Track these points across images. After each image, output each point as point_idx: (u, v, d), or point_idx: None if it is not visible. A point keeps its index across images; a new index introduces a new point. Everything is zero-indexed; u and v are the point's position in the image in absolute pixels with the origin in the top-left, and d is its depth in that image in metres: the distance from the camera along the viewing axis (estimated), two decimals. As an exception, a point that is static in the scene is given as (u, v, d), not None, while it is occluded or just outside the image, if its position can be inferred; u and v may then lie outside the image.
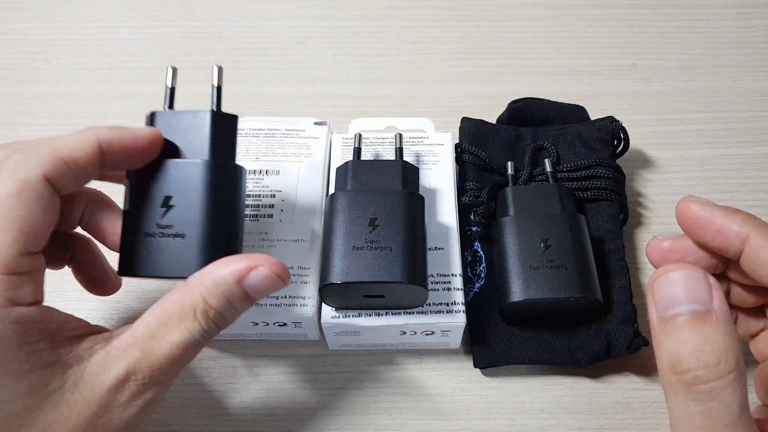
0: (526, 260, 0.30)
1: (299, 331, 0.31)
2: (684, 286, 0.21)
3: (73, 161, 0.22)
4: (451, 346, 0.32)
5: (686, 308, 0.20)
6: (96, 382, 0.21)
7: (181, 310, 0.22)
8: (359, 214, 0.28)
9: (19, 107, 0.42)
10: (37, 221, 0.21)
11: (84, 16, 0.46)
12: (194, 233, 0.24)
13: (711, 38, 0.44)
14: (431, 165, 0.34)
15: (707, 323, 0.20)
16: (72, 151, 0.22)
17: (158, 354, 0.22)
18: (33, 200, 0.21)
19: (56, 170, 0.22)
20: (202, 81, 0.43)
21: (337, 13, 0.46)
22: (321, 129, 0.35)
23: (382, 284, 0.27)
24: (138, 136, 0.24)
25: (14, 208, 0.21)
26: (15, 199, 0.21)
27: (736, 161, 0.39)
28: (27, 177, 0.21)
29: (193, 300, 0.22)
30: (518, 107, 0.37)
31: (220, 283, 0.22)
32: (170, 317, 0.22)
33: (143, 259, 0.24)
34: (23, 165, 0.21)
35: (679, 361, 0.20)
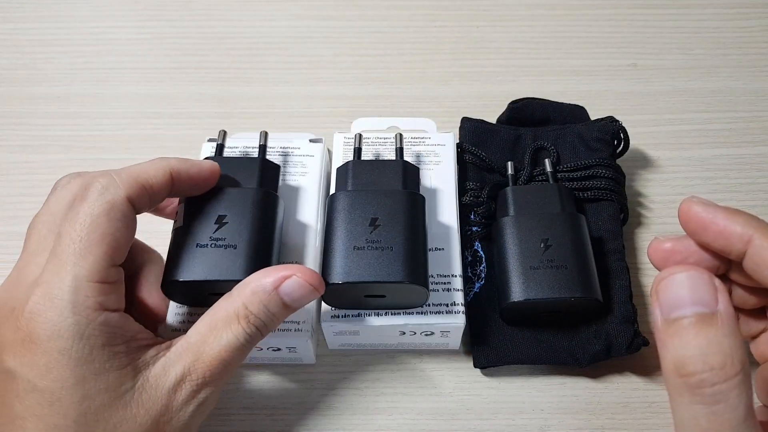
0: (526, 260, 0.30)
1: (294, 356, 0.31)
2: (689, 288, 0.20)
3: (150, 186, 0.26)
4: (450, 347, 0.32)
5: (691, 310, 0.20)
6: (158, 383, 0.24)
7: (226, 316, 0.25)
8: (360, 214, 0.28)
9: (19, 107, 0.42)
10: (122, 237, 0.25)
11: (84, 16, 0.46)
12: (243, 244, 0.27)
13: (711, 38, 0.44)
14: (432, 165, 0.34)
15: (712, 326, 0.20)
16: (149, 177, 0.26)
17: (209, 356, 0.24)
18: (119, 219, 0.24)
19: (137, 193, 0.25)
20: (201, 81, 0.43)
21: (337, 13, 0.46)
22: (316, 147, 0.35)
23: (384, 284, 0.27)
24: (202, 168, 0.28)
25: (104, 225, 0.24)
26: (105, 218, 0.24)
27: (736, 161, 0.39)
28: (114, 199, 0.24)
29: (236, 306, 0.25)
30: (518, 107, 0.37)
31: (258, 291, 0.25)
32: (218, 323, 0.25)
33: (195, 265, 0.27)
34: (110, 188, 0.25)
35: (684, 364, 0.20)
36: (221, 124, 0.41)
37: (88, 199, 0.24)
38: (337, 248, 0.27)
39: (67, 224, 0.24)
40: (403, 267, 0.27)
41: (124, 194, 0.25)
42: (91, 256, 0.23)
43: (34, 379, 0.22)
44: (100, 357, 0.23)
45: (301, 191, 0.33)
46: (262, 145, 0.32)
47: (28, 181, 0.39)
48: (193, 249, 0.27)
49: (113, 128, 0.41)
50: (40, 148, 0.40)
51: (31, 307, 0.23)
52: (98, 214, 0.24)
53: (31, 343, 0.23)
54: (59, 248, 0.24)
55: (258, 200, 0.28)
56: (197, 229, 0.27)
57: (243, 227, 0.27)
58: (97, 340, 0.23)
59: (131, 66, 0.44)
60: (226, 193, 0.28)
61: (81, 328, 0.23)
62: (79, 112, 0.42)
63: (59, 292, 0.23)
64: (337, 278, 0.27)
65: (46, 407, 0.22)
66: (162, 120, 0.41)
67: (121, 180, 0.25)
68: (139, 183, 0.25)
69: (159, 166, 0.26)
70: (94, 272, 0.23)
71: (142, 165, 0.26)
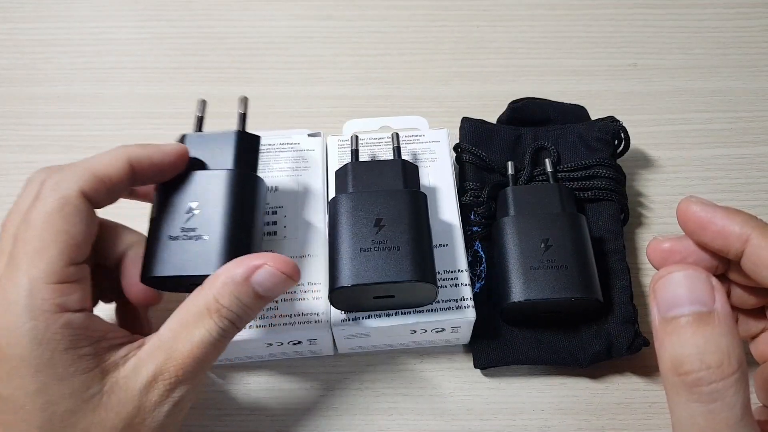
0: (526, 260, 0.30)
1: (314, 348, 0.31)
2: (686, 287, 0.20)
3: (107, 177, 0.25)
4: (460, 342, 0.32)
5: (689, 309, 0.20)
6: (129, 385, 0.23)
7: (198, 311, 0.24)
8: (364, 215, 0.28)
9: (19, 107, 0.42)
10: (79, 233, 0.23)
11: (84, 16, 0.46)
12: (216, 234, 0.26)
13: (711, 38, 0.44)
14: (429, 162, 0.34)
15: (709, 325, 0.20)
16: (105, 168, 0.25)
17: (181, 353, 0.23)
18: (73, 215, 0.23)
19: (92, 186, 0.24)
20: (201, 81, 0.43)
21: (337, 13, 0.46)
22: (316, 141, 0.35)
23: (393, 284, 0.27)
24: (166, 152, 0.26)
25: (58, 223, 0.23)
26: (58, 215, 0.23)
27: (736, 161, 0.39)
28: (66, 194, 0.23)
29: (207, 300, 0.24)
30: (519, 107, 0.37)
31: (229, 283, 0.24)
32: (189, 319, 0.24)
33: (167, 259, 0.25)
34: (62, 183, 0.24)
35: (681, 363, 0.20)
36: (221, 124, 0.41)
37: (41, 196, 0.23)
38: (343, 251, 0.27)
39: (22, 225, 0.23)
40: (411, 266, 0.27)
41: (77, 188, 0.24)
42: (46, 256, 0.23)
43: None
44: (62, 362, 0.22)
45: (305, 185, 0.33)
46: (242, 114, 0.30)
47: (28, 181, 0.39)
48: (165, 241, 0.26)
49: (113, 128, 0.41)
50: (40, 148, 0.40)
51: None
52: (50, 212, 0.23)
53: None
54: (15, 250, 0.23)
55: (231, 184, 0.27)
56: (168, 220, 0.26)
57: (215, 216, 0.26)
58: (58, 344, 0.22)
59: (131, 66, 0.44)
60: (196, 178, 0.27)
61: (39, 333, 0.22)
62: (79, 112, 0.42)
63: (15, 297, 0.22)
64: (345, 281, 0.26)
65: (11, 414, 0.22)
66: (162, 120, 0.41)
67: (75, 174, 0.24)
68: (93, 175, 0.24)
69: (116, 155, 0.25)
70: (50, 273, 0.22)
71: (99, 155, 0.25)
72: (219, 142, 0.28)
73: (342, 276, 0.27)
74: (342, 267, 0.27)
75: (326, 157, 0.34)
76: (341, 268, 0.27)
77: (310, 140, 0.35)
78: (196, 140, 0.28)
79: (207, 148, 0.28)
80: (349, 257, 0.27)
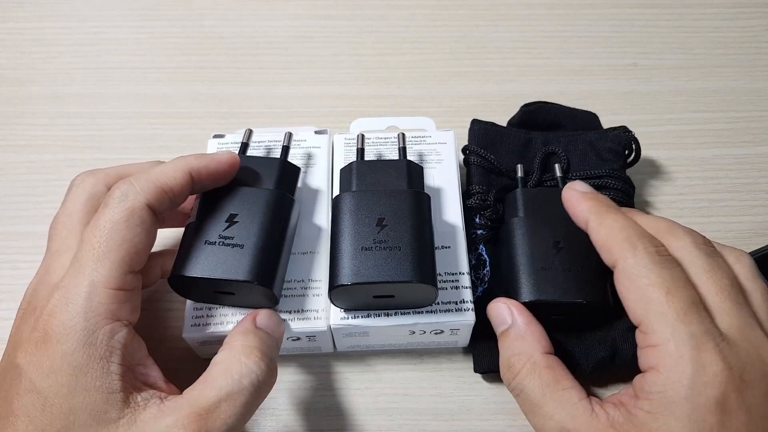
0: (536, 262, 0.29)
1: (313, 345, 0.31)
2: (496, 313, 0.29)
3: (170, 189, 0.26)
4: (459, 345, 0.32)
5: (501, 328, 0.28)
6: (146, 429, 0.23)
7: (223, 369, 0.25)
8: (366, 214, 0.28)
9: (19, 107, 0.42)
10: (141, 243, 0.25)
11: (84, 16, 0.46)
12: (251, 245, 0.27)
13: (711, 38, 0.44)
14: (434, 164, 0.34)
15: (507, 337, 0.28)
16: (169, 180, 0.26)
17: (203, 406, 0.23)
18: (138, 225, 0.25)
19: (157, 198, 0.26)
20: (201, 81, 0.43)
21: (337, 12, 0.46)
22: (322, 138, 0.35)
23: (393, 284, 0.27)
24: (221, 161, 0.28)
25: (123, 232, 0.24)
26: (124, 224, 0.24)
27: (736, 161, 0.39)
28: (133, 206, 0.25)
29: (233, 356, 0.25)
30: (531, 110, 0.37)
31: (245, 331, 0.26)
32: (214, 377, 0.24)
33: (201, 262, 0.27)
34: (130, 195, 0.25)
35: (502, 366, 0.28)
36: (221, 123, 0.41)
37: (109, 205, 0.25)
38: (344, 249, 0.27)
39: (88, 230, 0.25)
40: (412, 266, 0.27)
41: (144, 200, 0.25)
42: (108, 261, 0.24)
43: (36, 380, 0.22)
44: (95, 370, 0.23)
45: (309, 183, 0.33)
46: (285, 146, 0.32)
47: (28, 181, 0.39)
48: (201, 245, 0.27)
49: (113, 128, 0.41)
50: (40, 148, 0.40)
51: (50, 309, 0.23)
52: (117, 221, 0.24)
53: (42, 343, 0.23)
54: (80, 253, 0.24)
55: (271, 201, 0.28)
56: (208, 226, 0.28)
57: (253, 227, 0.27)
58: (98, 350, 0.23)
59: (131, 66, 0.44)
60: (240, 192, 0.29)
61: (87, 334, 0.23)
62: (78, 112, 0.42)
63: (75, 297, 0.23)
64: (346, 279, 0.26)
65: (38, 410, 0.22)
66: (161, 120, 0.41)
67: (141, 186, 0.25)
68: (158, 187, 0.26)
69: (178, 167, 0.27)
70: (111, 278, 0.24)
71: (161, 168, 0.27)
72: (263, 166, 0.30)
73: (342, 274, 0.27)
74: (343, 265, 0.27)
75: (332, 155, 0.35)
76: (342, 266, 0.27)
77: (316, 137, 0.35)
78: (243, 160, 0.30)
79: (251, 169, 0.30)
80: (350, 256, 0.27)
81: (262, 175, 0.30)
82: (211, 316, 0.29)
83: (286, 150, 0.32)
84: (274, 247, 0.28)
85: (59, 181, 0.38)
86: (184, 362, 0.32)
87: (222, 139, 0.34)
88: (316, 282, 0.30)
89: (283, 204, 0.29)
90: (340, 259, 0.27)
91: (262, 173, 0.30)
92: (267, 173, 0.30)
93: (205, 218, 0.28)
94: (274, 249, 0.28)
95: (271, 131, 0.35)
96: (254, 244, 0.27)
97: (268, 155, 0.34)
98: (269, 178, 0.30)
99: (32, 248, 0.36)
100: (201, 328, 0.29)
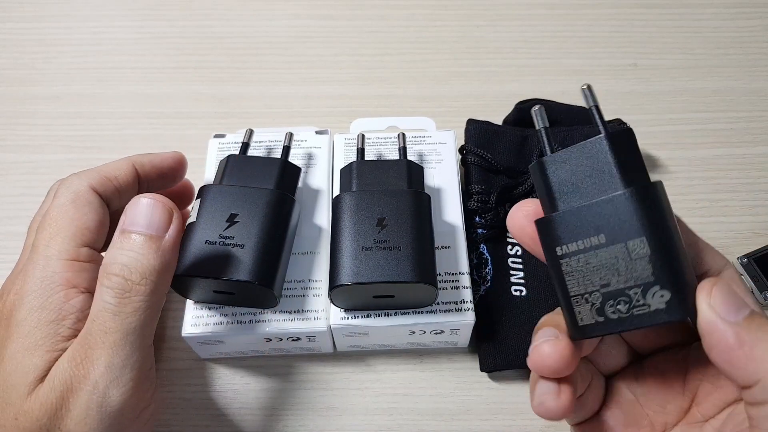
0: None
1: (313, 345, 0.31)
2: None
3: (114, 177, 0.28)
4: (459, 345, 0.32)
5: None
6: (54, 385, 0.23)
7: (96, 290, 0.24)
8: (366, 214, 0.28)
9: (19, 107, 0.42)
10: (89, 220, 0.26)
11: (84, 16, 0.46)
12: (251, 245, 0.27)
13: (711, 38, 0.44)
14: (434, 164, 0.34)
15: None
16: (112, 170, 0.28)
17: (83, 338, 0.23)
18: (84, 205, 0.26)
19: (100, 182, 0.27)
20: (201, 81, 0.43)
21: (337, 12, 0.46)
22: (323, 138, 0.35)
23: (393, 284, 0.27)
24: (165, 156, 0.30)
25: (70, 212, 0.26)
26: (71, 206, 0.26)
27: (736, 161, 0.39)
28: (78, 189, 0.26)
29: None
30: (525, 108, 0.37)
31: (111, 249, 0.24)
32: None
33: (201, 262, 0.27)
34: (74, 182, 0.27)
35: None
36: (221, 123, 0.41)
37: (57, 194, 0.26)
38: (345, 249, 0.27)
39: (41, 220, 0.26)
40: (412, 266, 0.27)
41: (87, 184, 0.26)
42: (60, 237, 0.25)
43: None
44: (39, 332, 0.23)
45: (310, 183, 0.33)
46: (286, 147, 0.32)
47: (28, 181, 0.39)
48: (201, 245, 0.27)
49: (113, 128, 0.41)
50: (40, 148, 0.40)
51: (16, 290, 0.24)
52: (64, 204, 0.26)
53: (6, 319, 0.24)
54: (36, 239, 0.25)
55: (271, 201, 0.29)
56: (208, 226, 0.28)
57: (253, 227, 0.28)
58: (49, 314, 0.23)
59: (131, 66, 0.44)
60: (241, 192, 0.29)
61: (42, 300, 0.24)
62: (79, 112, 0.42)
63: (32, 272, 0.24)
64: (346, 279, 0.26)
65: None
66: (161, 120, 0.41)
67: (85, 175, 0.27)
68: (101, 174, 0.27)
69: (123, 160, 0.29)
70: (63, 251, 0.25)
71: (109, 162, 0.29)
72: (264, 166, 0.31)
73: (342, 274, 0.27)
74: (343, 265, 0.27)
75: (333, 155, 0.35)
76: (342, 266, 0.27)
77: (317, 137, 0.35)
78: (242, 161, 0.31)
79: (251, 168, 0.30)
80: (351, 255, 0.27)
81: (262, 176, 0.30)
82: (210, 316, 0.29)
83: (287, 150, 0.32)
84: (274, 248, 0.28)
85: (59, 181, 0.39)
86: (184, 362, 0.32)
87: (223, 138, 0.34)
88: (316, 282, 0.30)
89: (283, 204, 0.29)
90: (340, 258, 0.27)
91: (262, 173, 0.30)
92: (267, 173, 0.30)
93: (206, 218, 0.28)
94: (274, 249, 0.28)
95: (272, 131, 0.35)
96: (254, 244, 0.27)
97: (268, 155, 0.34)
98: (270, 179, 0.30)
99: (32, 248, 0.36)
100: (200, 328, 0.29)
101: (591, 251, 0.21)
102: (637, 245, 0.20)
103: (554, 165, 0.22)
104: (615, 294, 0.20)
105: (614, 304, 0.20)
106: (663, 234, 0.20)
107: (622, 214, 0.20)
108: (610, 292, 0.20)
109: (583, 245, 0.21)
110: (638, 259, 0.20)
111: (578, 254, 0.21)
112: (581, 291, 0.21)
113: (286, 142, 0.32)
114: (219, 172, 0.31)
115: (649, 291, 0.20)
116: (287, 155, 0.32)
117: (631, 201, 0.20)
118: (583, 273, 0.21)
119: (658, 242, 0.20)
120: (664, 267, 0.19)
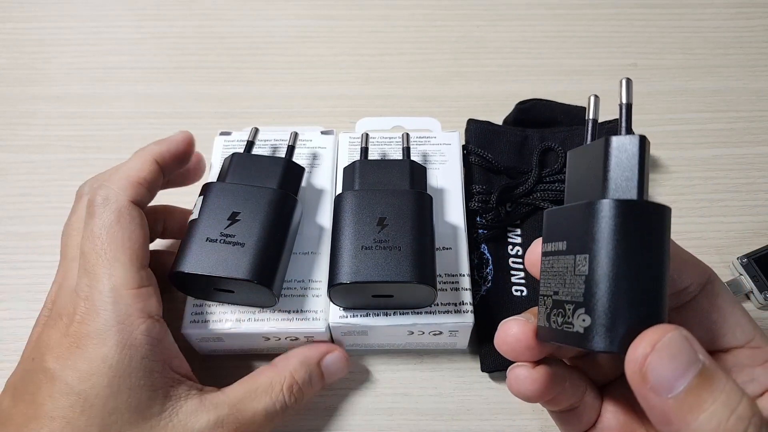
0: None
1: None
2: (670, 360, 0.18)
3: (144, 180, 0.27)
4: (458, 347, 0.32)
5: None
6: (188, 422, 0.24)
7: (269, 383, 0.27)
8: (367, 213, 0.28)
9: (19, 107, 0.42)
10: (139, 238, 0.26)
11: (84, 16, 0.46)
12: (252, 243, 0.27)
13: (711, 38, 0.44)
14: (438, 165, 0.34)
15: None
16: (139, 173, 0.27)
17: (244, 414, 0.26)
18: (131, 223, 0.26)
19: (136, 193, 0.27)
20: (201, 81, 0.43)
21: (337, 12, 0.46)
22: (328, 138, 0.35)
23: (392, 284, 0.27)
24: (177, 141, 0.29)
25: (119, 234, 0.25)
26: (117, 226, 0.25)
27: (736, 161, 0.39)
28: (119, 206, 0.26)
29: (281, 375, 0.27)
30: (526, 108, 0.37)
31: (305, 362, 0.28)
32: (259, 387, 0.27)
33: (201, 259, 0.27)
34: (111, 197, 0.26)
35: None
36: (221, 123, 0.41)
37: (96, 213, 0.25)
38: (344, 248, 0.27)
39: (85, 242, 0.25)
40: (412, 267, 0.26)
41: (126, 198, 0.26)
42: (119, 263, 0.24)
43: (73, 383, 0.23)
44: (137, 370, 0.24)
45: (314, 183, 0.33)
46: (291, 146, 0.32)
47: (28, 181, 0.39)
48: (202, 243, 0.27)
49: (113, 128, 0.41)
50: (40, 148, 0.40)
51: (80, 318, 0.24)
52: (110, 224, 0.25)
53: (77, 348, 0.23)
54: (88, 264, 0.25)
55: (274, 201, 0.29)
56: (210, 224, 0.28)
57: (254, 226, 0.28)
58: (137, 350, 0.24)
59: (131, 66, 0.44)
60: (243, 191, 0.29)
61: (124, 337, 0.24)
62: (78, 112, 0.42)
63: (102, 304, 0.24)
64: (345, 278, 0.26)
65: (77, 412, 0.23)
66: (162, 120, 0.41)
67: (118, 186, 0.26)
68: (133, 182, 0.27)
69: (144, 158, 0.28)
70: (128, 279, 0.24)
71: (129, 163, 0.27)
72: (268, 165, 0.30)
73: (342, 272, 0.27)
74: (342, 263, 0.27)
75: (337, 155, 0.35)
76: (341, 265, 0.27)
77: (322, 137, 0.35)
78: (246, 159, 0.31)
79: (255, 167, 0.30)
80: (350, 254, 0.27)
81: (265, 174, 0.30)
82: (210, 313, 0.29)
83: (292, 150, 0.32)
84: (275, 247, 0.28)
85: (59, 181, 0.38)
86: (184, 362, 0.32)
87: (228, 136, 0.35)
88: (316, 282, 0.30)
89: (285, 204, 0.29)
90: (340, 257, 0.27)
91: (266, 172, 0.30)
92: (271, 172, 0.30)
93: (208, 215, 0.28)
94: (275, 248, 0.28)
95: (278, 130, 0.35)
96: (255, 243, 0.27)
97: (273, 154, 0.34)
98: (273, 178, 0.30)
99: (32, 248, 0.36)
100: (200, 325, 0.29)
101: (555, 255, 0.20)
102: (581, 261, 0.19)
103: (573, 159, 0.22)
104: (558, 304, 0.19)
105: (556, 314, 0.19)
106: (609, 256, 0.18)
107: (581, 225, 0.19)
108: (556, 301, 0.20)
109: (552, 247, 0.20)
110: (579, 275, 0.19)
111: (548, 255, 0.21)
112: (544, 292, 0.21)
113: (290, 142, 0.32)
114: (223, 169, 0.31)
115: (576, 311, 0.18)
116: (291, 155, 0.32)
117: (590, 213, 0.19)
118: (548, 275, 0.20)
119: (599, 264, 0.18)
120: (594, 291, 0.18)
